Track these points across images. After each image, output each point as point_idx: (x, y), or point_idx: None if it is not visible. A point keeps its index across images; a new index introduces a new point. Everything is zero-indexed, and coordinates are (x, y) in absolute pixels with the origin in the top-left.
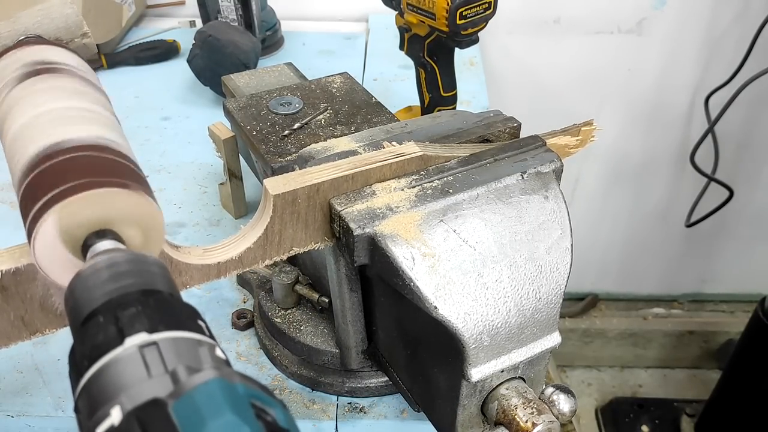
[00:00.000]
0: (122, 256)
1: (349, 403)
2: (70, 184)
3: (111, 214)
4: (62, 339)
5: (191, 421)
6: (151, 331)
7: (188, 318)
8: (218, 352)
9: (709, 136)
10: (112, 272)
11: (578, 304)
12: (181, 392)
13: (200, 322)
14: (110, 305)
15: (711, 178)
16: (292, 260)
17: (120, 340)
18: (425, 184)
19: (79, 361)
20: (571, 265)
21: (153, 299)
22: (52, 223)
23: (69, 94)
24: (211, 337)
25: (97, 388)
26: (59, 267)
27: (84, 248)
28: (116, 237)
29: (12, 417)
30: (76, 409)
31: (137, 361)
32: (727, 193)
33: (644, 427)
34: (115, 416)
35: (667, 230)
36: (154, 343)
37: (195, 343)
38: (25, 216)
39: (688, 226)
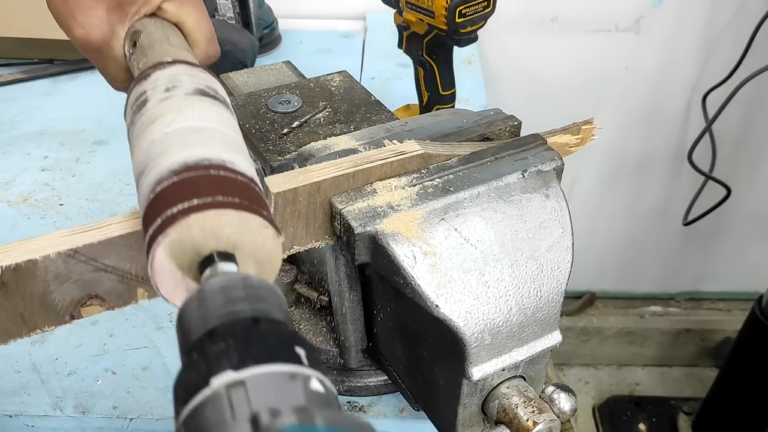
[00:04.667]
0: (239, 278)
1: (349, 402)
2: (205, 199)
3: (237, 240)
4: (61, 338)
5: None
6: (237, 367)
7: (283, 346)
8: (314, 385)
9: (707, 135)
10: (225, 296)
11: (576, 303)
12: None
13: (298, 350)
14: (200, 339)
15: (708, 177)
16: (291, 259)
17: (206, 381)
18: (426, 183)
19: (176, 400)
20: (572, 263)
21: (245, 330)
22: (180, 232)
23: (227, 123)
24: (314, 364)
25: (187, 430)
26: (170, 282)
27: (201, 268)
28: (233, 260)
29: (10, 416)
30: None
31: (223, 403)
32: (724, 192)
33: (641, 425)
34: None
35: (665, 228)
36: (242, 382)
37: (286, 377)
38: (150, 220)
39: (686, 224)
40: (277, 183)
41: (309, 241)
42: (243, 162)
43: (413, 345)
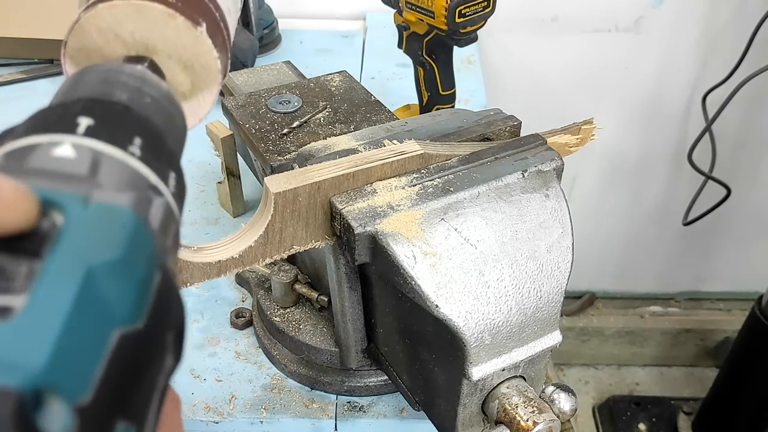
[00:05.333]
0: (130, 69)
1: (349, 402)
2: None
3: (147, 38)
4: None
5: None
6: (10, 140)
7: (62, 118)
8: (57, 152)
9: (707, 135)
10: (76, 81)
11: (575, 303)
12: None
13: (82, 119)
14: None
15: (708, 177)
16: (291, 259)
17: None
18: (426, 183)
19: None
20: (572, 263)
21: (55, 109)
22: (77, 38)
23: None
24: (98, 132)
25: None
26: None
27: None
28: (155, 68)
29: None
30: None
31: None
32: (724, 192)
33: (641, 425)
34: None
35: (665, 228)
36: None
37: (27, 149)
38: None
39: (686, 224)
40: (277, 183)
41: (309, 241)
42: None
43: (413, 345)
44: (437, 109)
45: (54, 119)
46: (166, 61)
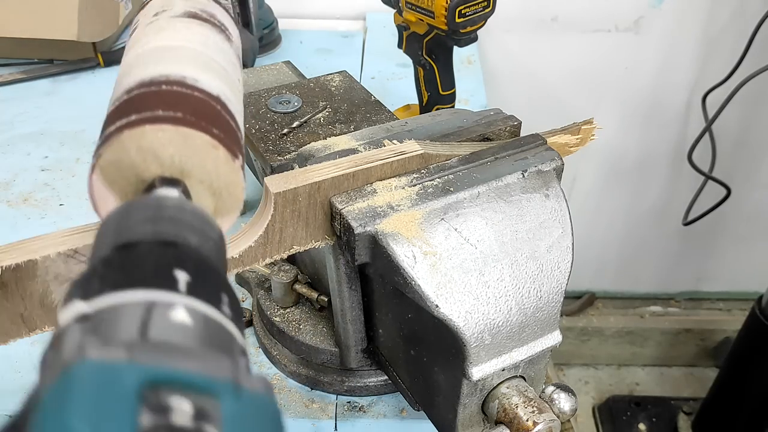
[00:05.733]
0: (155, 198)
1: (348, 402)
2: (144, 114)
3: (185, 163)
4: None
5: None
6: (87, 297)
7: (159, 269)
8: (176, 316)
9: (707, 135)
10: (127, 216)
11: (575, 303)
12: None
13: (179, 273)
14: (92, 264)
15: (708, 177)
16: (291, 259)
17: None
18: (426, 183)
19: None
20: (572, 263)
21: (126, 249)
22: (114, 152)
23: (211, 44)
24: (198, 289)
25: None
26: (106, 202)
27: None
28: (186, 192)
29: (10, 416)
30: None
31: (62, 339)
32: (724, 192)
33: (641, 425)
34: None
35: (665, 228)
36: (86, 316)
37: (140, 307)
38: (102, 136)
39: (686, 224)
40: (277, 183)
41: (309, 241)
42: (211, 80)
43: (413, 345)
44: (437, 109)
45: (148, 269)
46: (196, 185)
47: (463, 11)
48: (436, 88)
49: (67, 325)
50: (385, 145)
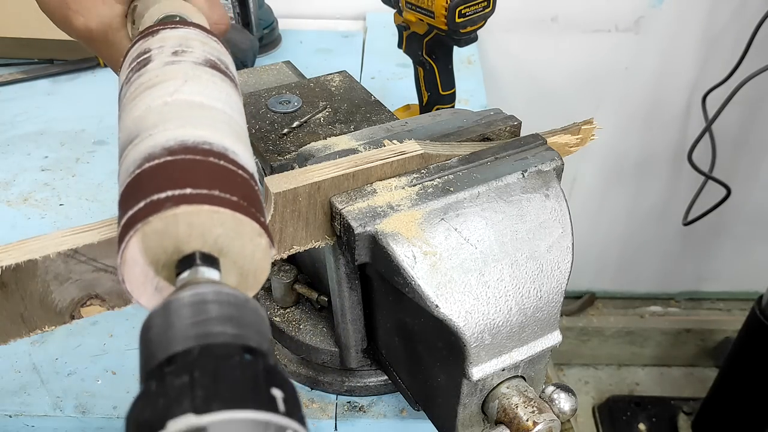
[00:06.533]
0: (217, 291)
1: (349, 402)
2: (200, 191)
3: (226, 244)
4: (60, 338)
5: None
6: (199, 410)
7: (258, 387)
8: None
9: (707, 135)
10: (198, 312)
11: (575, 303)
12: None
13: (275, 392)
14: (167, 364)
15: (708, 177)
16: (291, 259)
17: (162, 423)
18: (426, 183)
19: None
20: (572, 263)
21: (219, 359)
22: (165, 223)
23: (234, 105)
24: (291, 409)
25: None
26: (139, 277)
27: (178, 268)
28: (215, 264)
29: (10, 416)
30: None
31: None
32: (724, 192)
33: (641, 425)
34: None
35: (665, 228)
36: (203, 430)
37: (256, 427)
38: (130, 201)
39: (686, 224)
40: (277, 183)
41: (309, 241)
42: (246, 154)
43: (413, 345)
44: (437, 109)
45: (247, 387)
46: (229, 264)
47: (463, 11)
48: (436, 88)
49: None
50: (385, 145)
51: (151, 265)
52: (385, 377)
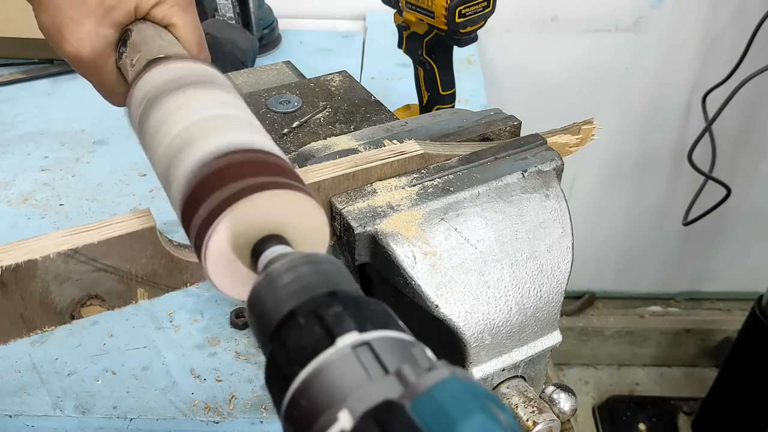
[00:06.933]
0: (300, 258)
1: None
2: (245, 184)
3: (281, 218)
4: (60, 338)
5: (437, 421)
6: (360, 330)
7: (389, 317)
8: (429, 353)
9: (707, 135)
10: (296, 275)
11: (575, 303)
12: (417, 392)
13: (400, 322)
14: (305, 307)
15: (708, 177)
16: None
17: (330, 341)
18: (426, 183)
19: (284, 366)
20: (572, 263)
21: (350, 299)
22: (226, 226)
23: (247, 110)
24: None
25: (313, 394)
26: (229, 275)
27: (254, 255)
28: (285, 242)
29: (10, 416)
30: (287, 417)
31: (354, 363)
32: (724, 192)
33: (641, 425)
34: (345, 420)
35: (665, 228)
36: (367, 343)
37: (406, 343)
38: (189, 217)
39: (686, 224)
40: None
41: None
42: (273, 144)
43: None
44: (437, 109)
45: (383, 314)
46: (297, 237)
47: (463, 11)
48: (436, 88)
49: (357, 346)
50: (385, 145)
51: (232, 250)
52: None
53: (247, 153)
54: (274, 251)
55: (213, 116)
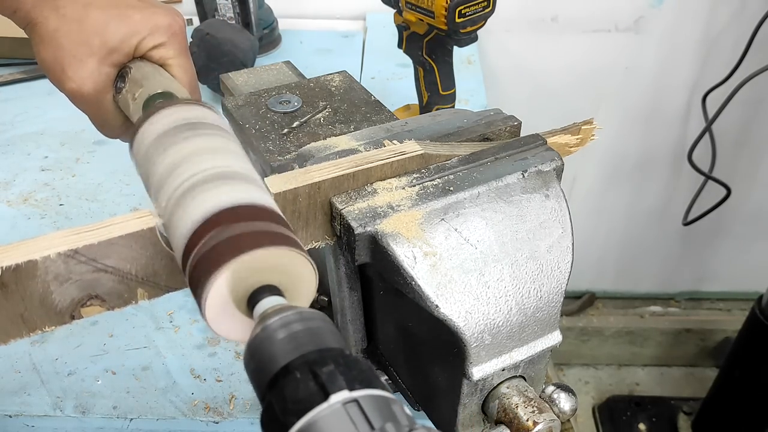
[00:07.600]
0: (294, 315)
1: None
2: (244, 240)
3: (276, 272)
4: (60, 338)
5: None
6: (350, 388)
7: (374, 375)
8: (406, 410)
9: (707, 135)
10: (289, 332)
11: (575, 303)
12: None
13: (381, 379)
14: (299, 362)
15: (708, 177)
16: None
17: (324, 396)
18: (426, 183)
19: (281, 414)
20: (572, 263)
21: (340, 357)
22: (225, 278)
23: (249, 163)
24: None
25: None
26: (227, 320)
27: (249, 303)
28: (279, 292)
29: (10, 416)
30: None
31: (344, 418)
32: (724, 192)
33: (641, 425)
34: None
35: (665, 229)
36: (356, 401)
37: (389, 400)
38: (193, 272)
39: (686, 224)
40: (277, 183)
41: (309, 242)
42: (267, 196)
43: (413, 345)
44: (437, 109)
45: (370, 373)
46: (290, 289)
47: (463, 11)
48: (436, 88)
49: (347, 403)
50: (385, 145)
51: (230, 295)
52: (386, 377)
53: (248, 208)
54: (268, 302)
55: (221, 166)
